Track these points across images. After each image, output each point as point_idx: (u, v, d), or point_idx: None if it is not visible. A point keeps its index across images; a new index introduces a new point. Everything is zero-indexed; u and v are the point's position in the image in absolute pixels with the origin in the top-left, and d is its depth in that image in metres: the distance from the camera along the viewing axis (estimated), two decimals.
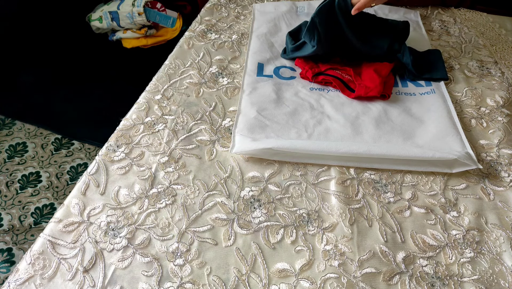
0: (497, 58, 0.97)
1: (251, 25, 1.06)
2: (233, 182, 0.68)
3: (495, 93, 0.86)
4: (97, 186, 0.67)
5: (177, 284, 0.56)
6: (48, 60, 1.77)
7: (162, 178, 0.68)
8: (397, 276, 0.57)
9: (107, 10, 1.77)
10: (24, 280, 0.55)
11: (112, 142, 0.74)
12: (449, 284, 0.56)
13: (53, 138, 1.44)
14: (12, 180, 1.30)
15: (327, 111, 0.80)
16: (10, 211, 1.21)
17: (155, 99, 0.83)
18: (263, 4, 1.14)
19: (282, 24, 1.06)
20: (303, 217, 0.64)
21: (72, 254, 0.58)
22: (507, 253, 0.60)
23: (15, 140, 1.43)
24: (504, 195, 0.68)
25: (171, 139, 0.75)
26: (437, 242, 0.61)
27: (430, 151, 0.69)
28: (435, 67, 0.90)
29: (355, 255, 0.59)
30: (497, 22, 1.11)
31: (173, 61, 0.93)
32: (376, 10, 1.10)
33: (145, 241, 0.60)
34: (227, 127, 0.78)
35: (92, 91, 1.64)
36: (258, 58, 0.94)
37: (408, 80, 0.88)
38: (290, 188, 0.68)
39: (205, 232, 0.61)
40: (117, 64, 1.77)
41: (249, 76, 0.89)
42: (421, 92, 0.85)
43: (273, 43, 0.99)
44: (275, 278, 0.57)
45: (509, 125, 0.79)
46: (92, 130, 1.45)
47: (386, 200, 0.66)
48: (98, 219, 0.62)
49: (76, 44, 1.86)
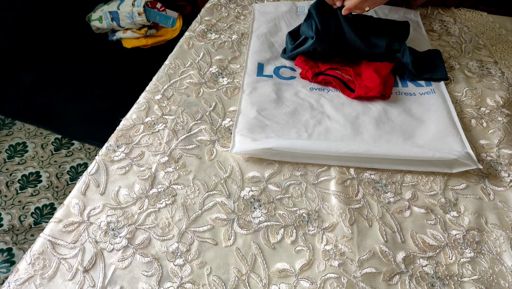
0: (497, 58, 0.97)
1: (251, 25, 1.06)
2: (233, 182, 0.68)
3: (495, 93, 0.86)
4: (97, 186, 0.67)
5: (177, 284, 0.56)
6: (48, 60, 1.77)
7: (162, 178, 0.68)
8: (397, 276, 0.57)
9: (107, 10, 1.77)
10: (24, 280, 0.55)
11: (112, 142, 0.74)
12: (449, 284, 0.56)
13: (53, 138, 1.44)
14: (12, 180, 1.30)
15: (327, 111, 0.80)
16: (10, 211, 1.21)
17: (155, 99, 0.83)
18: (263, 4, 1.14)
19: (282, 24, 1.06)
20: (303, 217, 0.64)
21: (72, 254, 0.58)
22: (507, 253, 0.60)
23: (15, 140, 1.43)
24: (504, 195, 0.68)
25: (171, 139, 0.75)
26: (437, 242, 0.61)
27: (430, 150, 0.69)
28: (435, 67, 0.90)
29: (355, 255, 0.59)
30: (497, 22, 1.11)
31: (173, 61, 0.93)
32: (376, 10, 1.10)
33: (145, 241, 0.60)
34: (227, 127, 0.78)
35: (92, 91, 1.64)
36: (258, 58, 0.94)
37: (408, 80, 0.88)
38: (290, 188, 0.68)
39: (205, 232, 0.61)
40: (117, 64, 1.77)
41: (249, 76, 0.89)
42: (421, 92, 0.85)
43: (273, 43, 0.99)
44: (275, 278, 0.57)
45: (509, 125, 0.79)
46: (92, 130, 1.46)
47: (386, 200, 0.66)
48: (98, 219, 0.62)
49: (76, 44, 1.86)
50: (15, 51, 1.78)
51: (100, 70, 1.74)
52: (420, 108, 0.81)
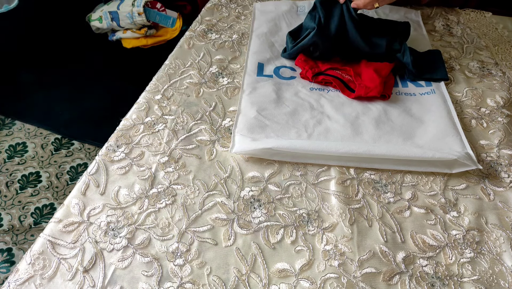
0: (498, 59, 0.97)
1: (251, 24, 1.06)
2: (233, 182, 0.68)
3: (495, 93, 0.86)
4: (97, 186, 0.67)
5: (177, 284, 0.56)
6: (48, 60, 1.77)
7: (162, 178, 0.68)
8: (397, 276, 0.57)
9: (107, 10, 1.77)
10: (24, 280, 0.55)
11: (112, 142, 0.74)
12: (449, 284, 0.56)
13: (53, 138, 1.44)
14: (12, 180, 1.30)
15: (327, 111, 0.80)
16: (10, 211, 1.21)
17: (155, 99, 0.83)
18: (263, 3, 1.14)
19: (283, 23, 1.06)
20: (303, 217, 0.64)
21: (72, 254, 0.58)
22: (507, 253, 0.60)
23: (15, 140, 1.43)
24: (504, 195, 0.68)
25: (171, 139, 0.75)
26: (437, 242, 0.61)
27: (430, 151, 0.69)
28: (435, 68, 0.90)
29: (355, 255, 0.59)
30: (501, 23, 1.11)
31: (173, 61, 0.93)
32: (376, 10, 1.10)
33: (145, 241, 0.60)
34: (227, 127, 0.78)
35: (92, 91, 1.64)
36: (258, 58, 0.94)
37: (408, 80, 0.88)
38: (290, 188, 0.68)
39: (205, 232, 0.61)
40: (117, 64, 1.77)
41: (249, 76, 0.89)
42: (421, 93, 0.85)
43: (273, 43, 0.99)
44: (275, 278, 0.57)
45: (509, 126, 0.79)
46: (92, 130, 1.45)
47: (386, 200, 0.66)
48: (98, 219, 0.62)
49: (76, 44, 1.85)
50: (15, 51, 1.78)
51: (100, 70, 1.74)
52: (420, 108, 0.81)
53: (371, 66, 0.86)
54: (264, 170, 0.70)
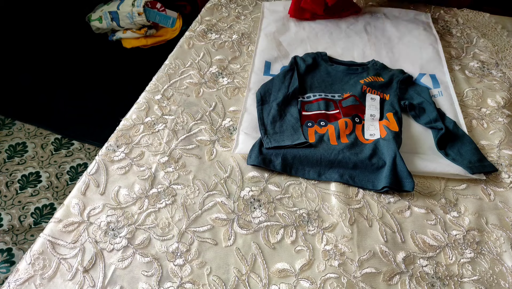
0: (497, 59, 0.97)
1: (260, 23, 1.06)
2: (233, 182, 0.68)
3: (496, 93, 0.86)
4: (97, 186, 0.67)
5: (177, 284, 0.55)
6: (48, 60, 1.77)
7: (162, 178, 0.68)
8: (397, 276, 0.57)
9: (107, 10, 1.77)
10: (24, 280, 0.55)
11: (112, 142, 0.74)
12: (449, 284, 0.56)
13: (53, 138, 1.44)
14: (12, 180, 1.29)
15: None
16: (10, 211, 1.20)
17: (155, 99, 0.83)
18: (272, 3, 1.14)
19: (291, 23, 1.06)
20: (303, 217, 0.64)
21: (72, 254, 0.58)
22: (507, 253, 0.60)
23: (15, 140, 1.43)
24: (504, 196, 0.68)
25: (171, 139, 0.75)
26: (437, 242, 0.61)
27: (441, 165, 0.69)
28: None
29: (355, 255, 0.59)
30: (500, 23, 1.11)
31: (173, 61, 0.93)
32: (385, 13, 1.10)
33: (145, 241, 0.60)
34: (227, 127, 0.78)
35: (92, 91, 1.64)
36: (265, 57, 0.94)
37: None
38: (290, 188, 0.68)
39: (205, 232, 0.61)
40: (117, 64, 1.77)
41: (256, 75, 0.89)
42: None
43: (281, 42, 0.99)
44: (275, 278, 0.56)
45: (509, 126, 0.79)
46: (92, 130, 1.45)
47: (386, 200, 0.66)
48: (98, 219, 0.62)
49: (76, 44, 1.85)
50: (15, 51, 1.78)
51: (100, 70, 1.73)
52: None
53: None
54: (264, 169, 0.70)
